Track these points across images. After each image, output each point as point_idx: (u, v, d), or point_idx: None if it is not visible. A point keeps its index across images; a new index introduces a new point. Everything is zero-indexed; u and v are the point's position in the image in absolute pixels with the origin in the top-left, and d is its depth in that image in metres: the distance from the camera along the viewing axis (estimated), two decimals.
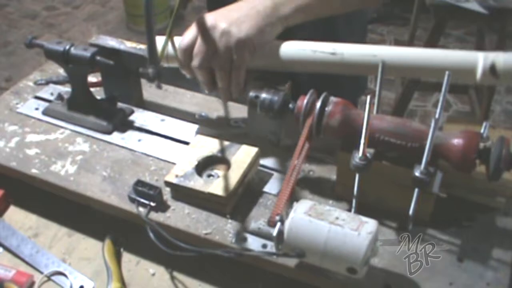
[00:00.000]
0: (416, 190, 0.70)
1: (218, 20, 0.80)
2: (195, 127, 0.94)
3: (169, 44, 0.86)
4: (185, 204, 0.79)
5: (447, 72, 0.65)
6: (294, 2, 0.83)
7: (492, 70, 0.74)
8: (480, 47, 2.30)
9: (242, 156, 0.81)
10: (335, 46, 0.81)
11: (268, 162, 0.86)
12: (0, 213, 0.88)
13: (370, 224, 0.64)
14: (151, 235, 0.73)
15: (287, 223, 0.65)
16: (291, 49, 0.83)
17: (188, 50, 0.81)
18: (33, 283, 0.77)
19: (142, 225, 0.75)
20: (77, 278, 0.78)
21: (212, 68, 0.81)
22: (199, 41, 0.80)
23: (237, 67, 0.81)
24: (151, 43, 0.79)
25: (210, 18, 0.81)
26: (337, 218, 0.64)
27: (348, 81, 0.91)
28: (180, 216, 0.77)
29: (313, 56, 0.81)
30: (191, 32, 0.82)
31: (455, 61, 0.77)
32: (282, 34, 0.84)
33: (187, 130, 0.93)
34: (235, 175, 0.78)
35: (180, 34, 0.85)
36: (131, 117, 0.96)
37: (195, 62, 0.81)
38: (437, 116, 0.66)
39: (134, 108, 0.97)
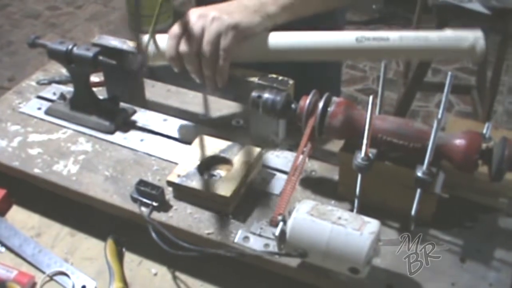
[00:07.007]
0: (418, 190, 0.70)
1: (209, 10, 0.83)
2: (197, 127, 0.94)
3: (155, 42, 0.87)
4: (188, 204, 0.79)
5: (449, 73, 0.65)
6: (280, 1, 0.86)
7: None
8: None
9: (245, 156, 0.81)
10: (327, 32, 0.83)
11: (270, 162, 0.86)
12: (2, 212, 0.88)
13: (372, 224, 0.64)
14: (153, 235, 0.73)
15: (289, 223, 0.65)
16: (282, 38, 0.84)
17: (178, 37, 0.83)
18: (35, 283, 0.77)
19: (144, 225, 0.75)
20: (79, 278, 0.78)
21: (199, 56, 0.82)
22: (189, 28, 0.82)
23: (223, 55, 0.82)
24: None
25: (201, 9, 0.83)
26: (339, 218, 0.64)
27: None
28: (182, 216, 0.77)
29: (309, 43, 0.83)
30: (181, 21, 0.83)
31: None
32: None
33: (189, 130, 0.93)
34: (237, 175, 0.78)
35: None
36: (134, 117, 0.96)
37: (183, 46, 0.82)
38: (439, 116, 0.66)
39: (137, 108, 0.97)
